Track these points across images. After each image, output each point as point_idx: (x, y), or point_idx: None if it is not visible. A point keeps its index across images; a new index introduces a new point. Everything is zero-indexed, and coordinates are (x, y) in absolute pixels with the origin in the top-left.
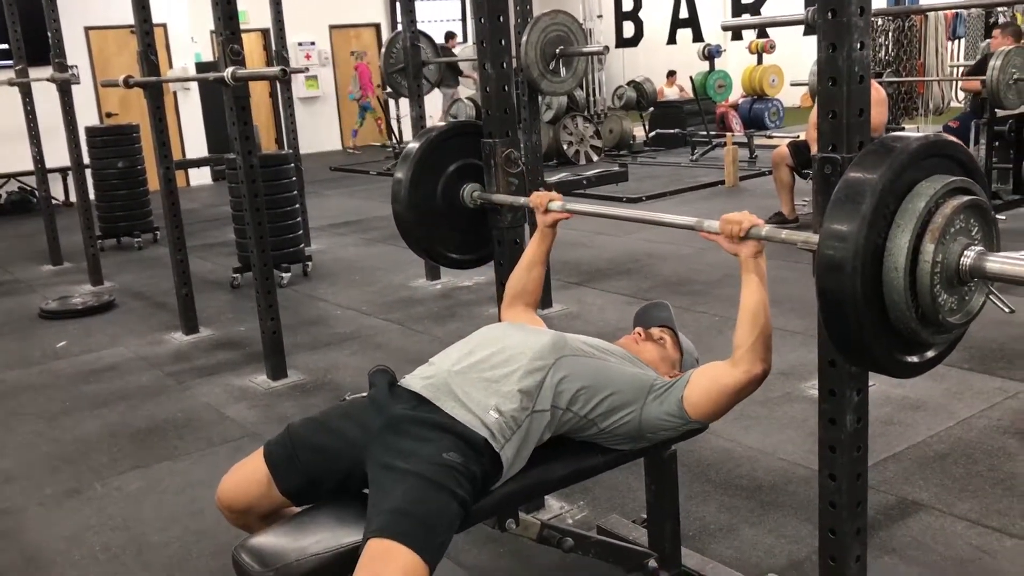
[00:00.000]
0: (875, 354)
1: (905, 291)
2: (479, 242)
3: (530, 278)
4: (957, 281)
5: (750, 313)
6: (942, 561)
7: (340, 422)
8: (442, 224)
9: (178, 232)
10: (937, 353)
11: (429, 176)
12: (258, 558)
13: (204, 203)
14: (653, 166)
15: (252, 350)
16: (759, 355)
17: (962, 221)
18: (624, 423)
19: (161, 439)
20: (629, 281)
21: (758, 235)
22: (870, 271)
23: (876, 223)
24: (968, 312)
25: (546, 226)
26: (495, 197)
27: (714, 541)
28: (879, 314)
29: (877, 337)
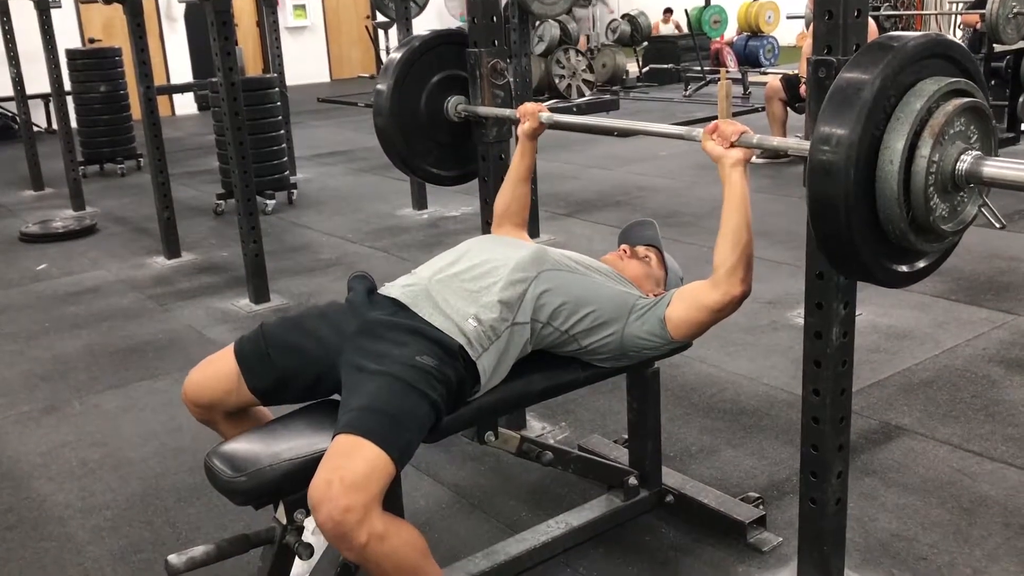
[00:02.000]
0: (863, 259)
1: (898, 189)
2: (462, 157)
3: (515, 196)
4: (952, 186)
5: (732, 231)
6: (923, 483)
7: (315, 323)
8: (424, 138)
9: (160, 154)
10: (926, 264)
11: (412, 87)
12: (230, 463)
13: (189, 132)
14: (646, 101)
15: (235, 274)
16: (739, 276)
17: (961, 124)
18: (606, 341)
19: (141, 359)
20: (618, 213)
21: (749, 141)
22: (864, 166)
23: (874, 115)
24: (960, 221)
25: (526, 137)
26: (480, 110)
27: (695, 462)
28: (870, 214)
29: (866, 240)
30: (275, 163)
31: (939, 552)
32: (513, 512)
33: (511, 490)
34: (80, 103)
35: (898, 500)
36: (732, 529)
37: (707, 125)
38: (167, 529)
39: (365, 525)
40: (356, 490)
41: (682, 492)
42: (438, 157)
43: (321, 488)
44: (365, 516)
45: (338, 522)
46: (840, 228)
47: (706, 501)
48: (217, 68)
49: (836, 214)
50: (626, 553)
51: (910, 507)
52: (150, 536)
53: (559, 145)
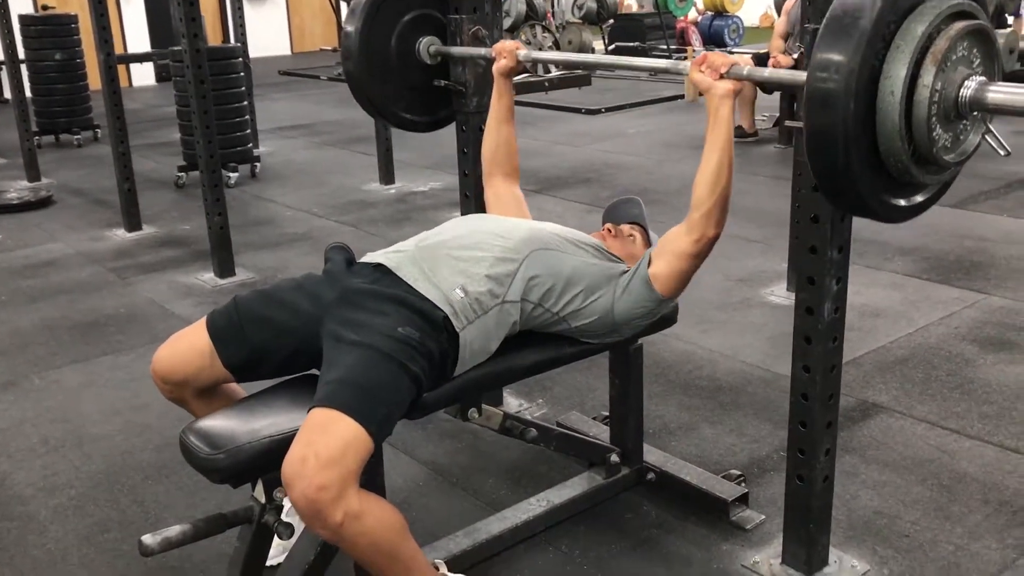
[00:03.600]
0: (862, 191)
1: (900, 120)
2: (435, 102)
3: (500, 140)
4: (955, 114)
5: (713, 170)
6: (901, 460)
7: (291, 295)
8: (396, 82)
9: (120, 123)
10: (924, 198)
11: (381, 28)
12: (207, 440)
13: (147, 103)
14: (612, 79)
15: (198, 248)
16: (714, 219)
17: (964, 48)
18: (596, 320)
19: (102, 334)
20: (588, 190)
21: (739, 73)
22: (864, 97)
23: (874, 42)
24: (963, 152)
25: (501, 75)
26: (453, 50)
27: (674, 439)
28: (870, 146)
29: (865, 172)
30: (238, 135)
31: (921, 529)
32: (493, 490)
33: (490, 468)
34: (34, 71)
35: (879, 477)
36: (714, 507)
37: (695, 57)
38: (135, 508)
39: (340, 503)
40: (331, 466)
41: (663, 469)
42: (410, 102)
43: (295, 465)
44: (340, 494)
45: (312, 500)
46: (838, 161)
47: (688, 478)
48: (181, 35)
49: (835, 146)
50: (608, 531)
51: (891, 484)
52: (117, 516)
53: (525, 122)
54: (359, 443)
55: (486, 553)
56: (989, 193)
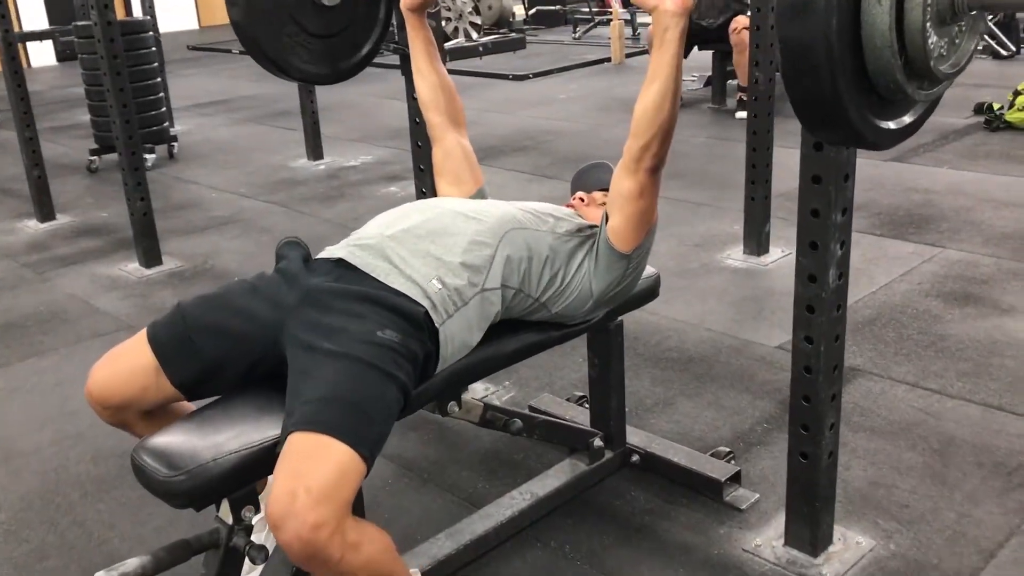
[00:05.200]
0: (850, 117)
1: (890, 31)
2: (339, 50)
3: (431, 84)
4: (950, 16)
5: (656, 96)
6: (888, 425)
7: (244, 299)
8: (291, 28)
9: (25, 106)
10: (914, 119)
11: None
12: (165, 460)
13: (50, 85)
14: (536, 44)
15: (119, 236)
16: (653, 151)
17: None
18: (576, 298)
19: (22, 335)
20: (526, 158)
21: None
22: (846, 6)
23: None
24: (959, 60)
25: (407, 9)
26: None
27: (653, 416)
28: (856, 65)
29: (852, 95)
30: (153, 114)
31: (920, 498)
32: (468, 483)
33: (462, 459)
34: None
35: (868, 445)
36: (706, 487)
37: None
38: (75, 530)
39: (338, 539)
40: (326, 501)
41: (649, 451)
42: (311, 51)
43: (283, 501)
44: (337, 528)
45: (308, 541)
46: (821, 83)
47: (676, 459)
48: (91, 6)
49: (815, 66)
50: (598, 521)
51: (882, 452)
52: (55, 540)
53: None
54: (353, 470)
55: (472, 555)
56: (926, 146)
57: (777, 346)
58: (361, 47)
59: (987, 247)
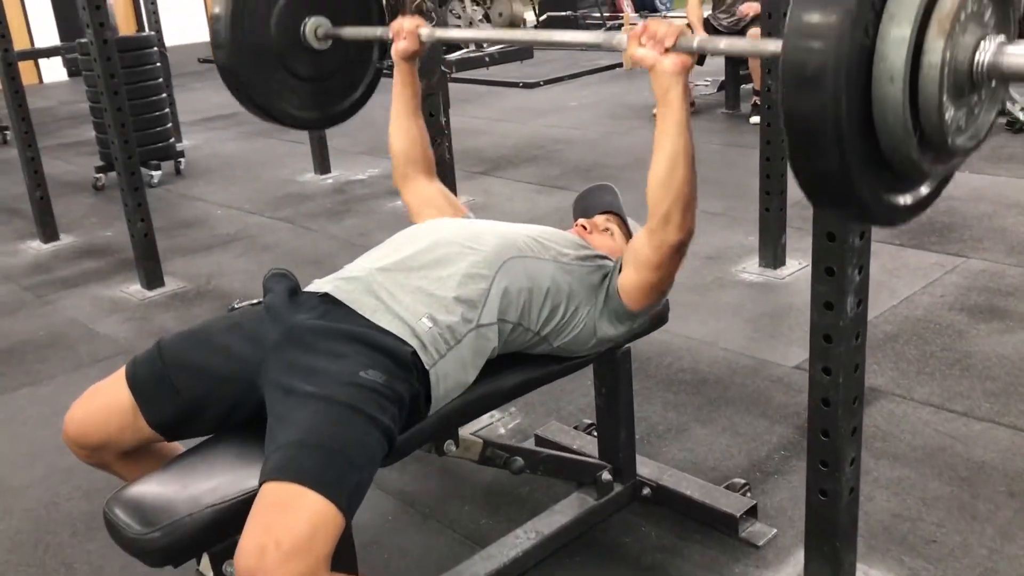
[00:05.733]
0: (862, 198)
1: (904, 109)
2: (331, 93)
3: (409, 137)
4: (969, 88)
5: (666, 163)
6: (912, 451)
7: (226, 336)
8: (280, 73)
9: (26, 126)
10: (931, 190)
11: (256, 8)
12: (138, 515)
13: (60, 100)
14: (547, 50)
15: (122, 257)
16: (675, 222)
17: (974, 3)
18: (579, 334)
19: (20, 363)
20: (536, 168)
21: (688, 46)
22: (856, 84)
23: (861, 15)
24: (977, 132)
25: (400, 58)
26: (345, 32)
27: (664, 444)
28: (867, 142)
29: (863, 174)
30: (158, 130)
31: (948, 532)
32: (471, 520)
33: (465, 493)
34: None
35: (891, 474)
36: (720, 522)
37: (634, 28)
38: (62, 571)
39: None
40: (298, 556)
41: (660, 483)
42: (302, 96)
43: (252, 557)
44: None
45: None
46: (831, 165)
47: (689, 492)
48: (86, 25)
49: (822, 147)
50: (607, 560)
51: (906, 481)
52: None
53: (463, 100)
54: (328, 522)
55: None
56: None
57: (795, 366)
58: (353, 90)
59: (1012, 256)
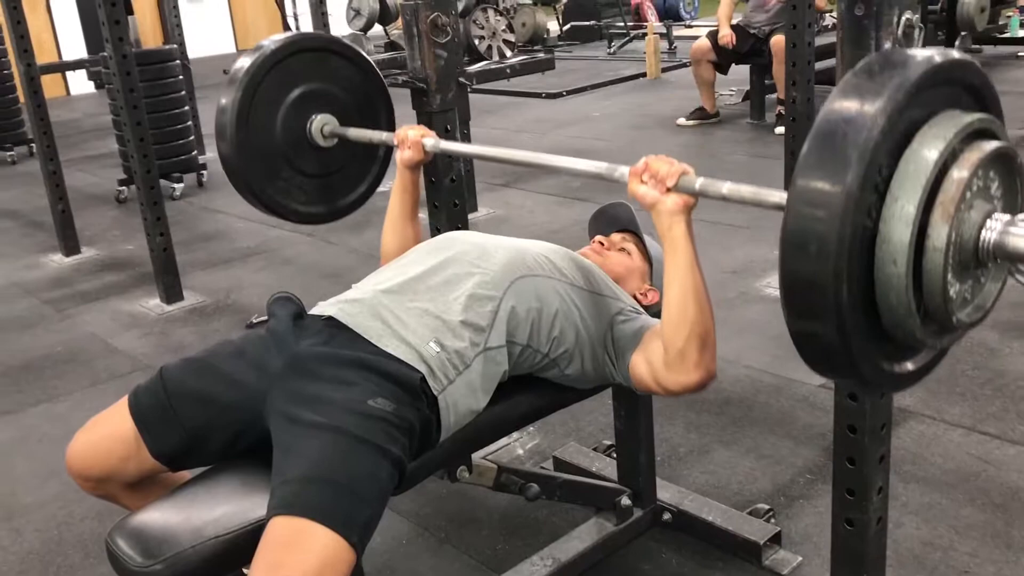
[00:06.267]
0: (861, 368)
1: (907, 291)
2: (334, 190)
3: (406, 239)
4: (975, 264)
5: (675, 304)
6: (943, 476)
7: (229, 363)
8: (285, 169)
9: (48, 139)
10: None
11: (265, 106)
12: (140, 546)
13: (86, 112)
14: (570, 60)
15: (142, 270)
16: (691, 362)
17: (980, 179)
18: (584, 369)
19: (37, 379)
20: (557, 180)
21: (690, 187)
22: (858, 265)
23: (864, 200)
24: (980, 305)
25: (404, 167)
26: (350, 132)
27: (685, 467)
28: (869, 321)
29: (863, 347)
30: (180, 143)
31: (981, 562)
32: (487, 544)
33: (481, 517)
34: None
35: (921, 499)
36: (743, 549)
37: (635, 164)
38: None
39: None
40: None
41: (681, 508)
42: (308, 192)
43: None
44: None
45: None
46: (826, 330)
47: (710, 518)
48: (106, 39)
49: (822, 311)
50: None
51: (936, 507)
52: None
53: (485, 110)
54: (339, 560)
55: None
56: None
57: (820, 384)
58: (359, 184)
59: None
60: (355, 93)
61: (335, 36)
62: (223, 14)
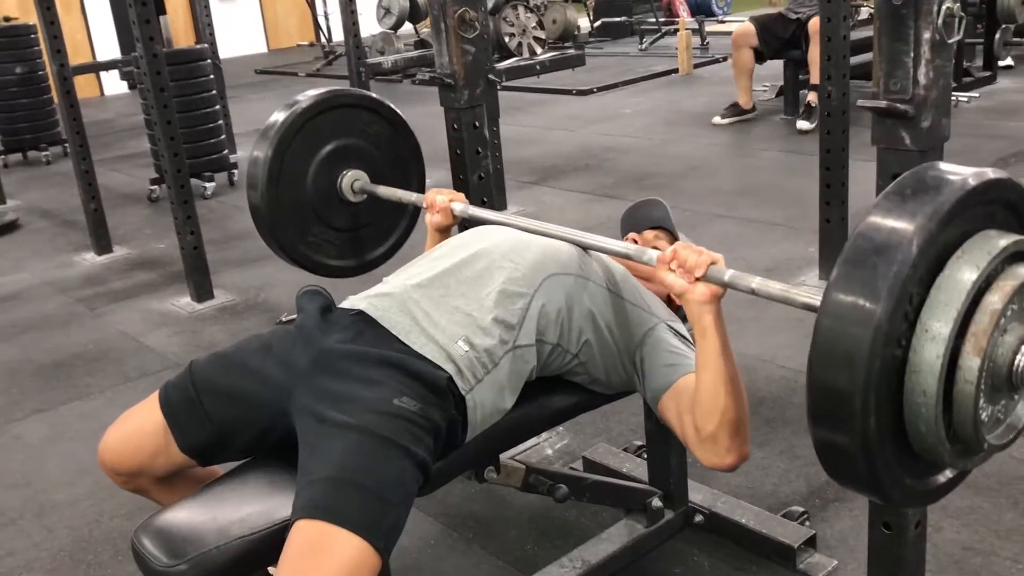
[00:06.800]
0: (885, 489)
1: (936, 421)
2: (363, 243)
3: None
4: (1008, 387)
5: (709, 392)
6: (984, 479)
7: (257, 359)
8: (316, 223)
9: (81, 139)
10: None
11: (297, 160)
12: (165, 546)
13: (120, 112)
14: (601, 56)
15: (173, 269)
16: (723, 446)
17: (1015, 303)
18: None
19: (69, 376)
20: (589, 178)
21: (719, 277)
22: (887, 394)
23: (893, 331)
24: (1014, 424)
25: (436, 229)
26: (380, 190)
27: None
28: (897, 442)
29: (890, 470)
30: (211, 142)
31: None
32: (516, 545)
33: (511, 517)
34: None
35: (961, 502)
36: (777, 553)
37: (663, 253)
38: None
39: None
40: None
41: (713, 511)
42: (338, 247)
43: None
44: None
45: None
46: (852, 439)
47: (743, 521)
48: (136, 39)
49: (847, 420)
50: None
51: (978, 511)
52: None
53: (515, 108)
54: (365, 565)
55: None
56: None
57: None
58: (389, 237)
59: None
60: (387, 149)
61: (369, 93)
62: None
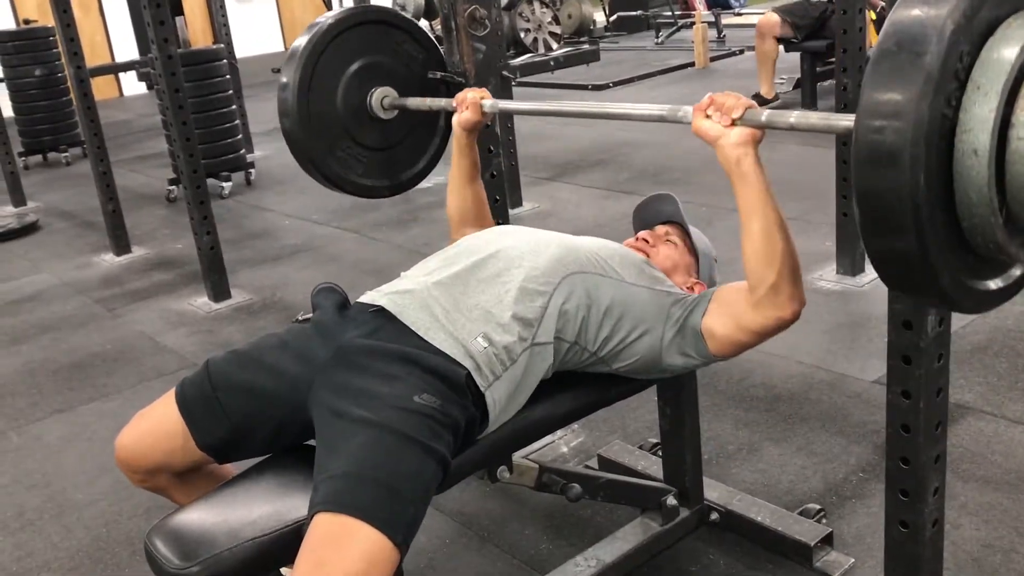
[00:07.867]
0: (942, 282)
1: (989, 186)
2: (398, 162)
3: (465, 200)
4: None
5: (761, 239)
6: (1004, 475)
7: (274, 355)
8: (347, 142)
9: (99, 140)
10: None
11: (324, 80)
12: (178, 548)
13: (139, 113)
14: (617, 51)
15: (190, 269)
16: (786, 294)
17: None
18: (639, 360)
19: (87, 376)
20: (604, 173)
21: (756, 119)
22: (936, 159)
23: (944, 85)
24: None
25: (461, 128)
26: (409, 101)
27: (734, 465)
28: (948, 221)
29: (944, 257)
30: (228, 142)
31: None
32: (530, 544)
33: (525, 516)
34: (15, 89)
35: (980, 499)
36: (794, 551)
37: (700, 101)
38: None
39: None
40: None
41: (729, 508)
42: (368, 165)
43: None
44: None
45: None
46: (909, 245)
47: (759, 519)
48: (152, 40)
49: (900, 226)
50: None
51: (997, 507)
52: None
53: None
54: (384, 559)
55: None
56: None
57: (874, 380)
58: (420, 158)
59: None
60: (414, 66)
61: (391, 8)
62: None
